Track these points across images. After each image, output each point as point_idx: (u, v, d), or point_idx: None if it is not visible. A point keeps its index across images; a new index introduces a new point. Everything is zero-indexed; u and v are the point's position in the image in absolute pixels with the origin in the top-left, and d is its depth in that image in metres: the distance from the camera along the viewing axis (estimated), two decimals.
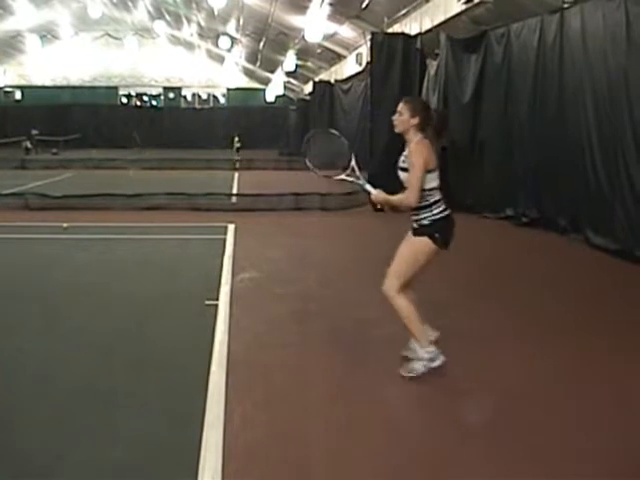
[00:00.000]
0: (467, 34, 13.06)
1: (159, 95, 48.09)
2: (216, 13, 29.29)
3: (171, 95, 47.85)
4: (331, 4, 20.28)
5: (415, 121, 4.35)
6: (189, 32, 39.14)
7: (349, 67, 26.16)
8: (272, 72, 39.72)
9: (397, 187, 4.46)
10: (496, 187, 11.81)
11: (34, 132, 35.21)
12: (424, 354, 4.40)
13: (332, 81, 27.87)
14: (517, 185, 11.19)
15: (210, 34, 36.62)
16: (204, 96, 48.54)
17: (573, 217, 9.71)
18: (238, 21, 30.86)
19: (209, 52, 43.91)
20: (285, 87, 41.43)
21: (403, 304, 4.41)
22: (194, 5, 32.03)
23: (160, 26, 37.31)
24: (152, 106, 47.17)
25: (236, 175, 21.51)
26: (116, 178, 19.94)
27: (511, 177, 11.39)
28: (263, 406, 4.00)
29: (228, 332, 5.30)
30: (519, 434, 3.72)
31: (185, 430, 3.64)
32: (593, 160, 9.08)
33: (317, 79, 31.22)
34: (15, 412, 3.92)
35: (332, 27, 22.86)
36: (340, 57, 27.92)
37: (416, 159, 4.29)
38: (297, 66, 31.67)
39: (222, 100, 48.63)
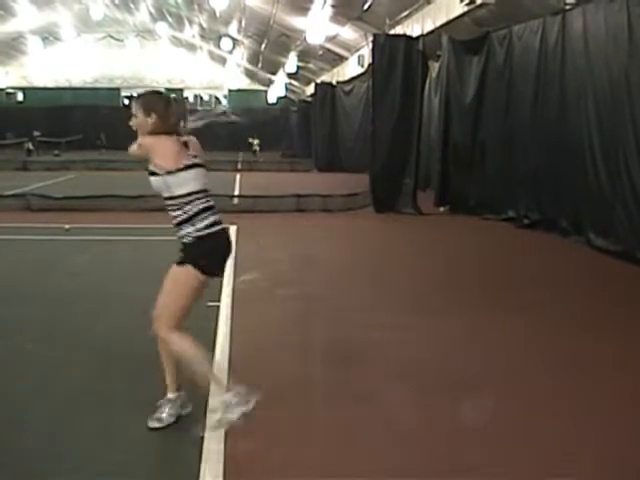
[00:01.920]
0: (469, 36, 13.07)
1: None
2: (218, 15, 29.31)
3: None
4: (333, 6, 20.29)
5: (152, 119, 3.75)
6: (191, 34, 39.17)
7: (351, 69, 26.16)
8: (274, 74, 39.76)
9: (398, 189, 4.43)
10: (498, 188, 11.80)
11: (36, 133, 35.23)
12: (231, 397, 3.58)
13: (334, 83, 27.86)
14: (519, 187, 11.18)
15: (212, 35, 36.65)
16: (206, 97, 48.56)
17: (575, 219, 9.70)
18: (240, 23, 30.87)
19: (211, 53, 43.96)
20: (287, 88, 41.45)
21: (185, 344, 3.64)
22: (196, 6, 32.05)
23: (162, 27, 37.37)
24: None
25: (238, 176, 21.51)
26: (118, 179, 19.93)
27: (513, 178, 11.38)
28: (264, 408, 3.99)
29: (230, 334, 5.29)
30: (520, 434, 3.71)
31: (186, 434, 3.62)
32: (594, 161, 9.07)
33: (319, 80, 31.19)
34: (15, 413, 3.92)
35: (334, 29, 22.89)
36: (342, 59, 27.92)
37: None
38: (299, 67, 31.71)
39: (224, 101, 48.64)
